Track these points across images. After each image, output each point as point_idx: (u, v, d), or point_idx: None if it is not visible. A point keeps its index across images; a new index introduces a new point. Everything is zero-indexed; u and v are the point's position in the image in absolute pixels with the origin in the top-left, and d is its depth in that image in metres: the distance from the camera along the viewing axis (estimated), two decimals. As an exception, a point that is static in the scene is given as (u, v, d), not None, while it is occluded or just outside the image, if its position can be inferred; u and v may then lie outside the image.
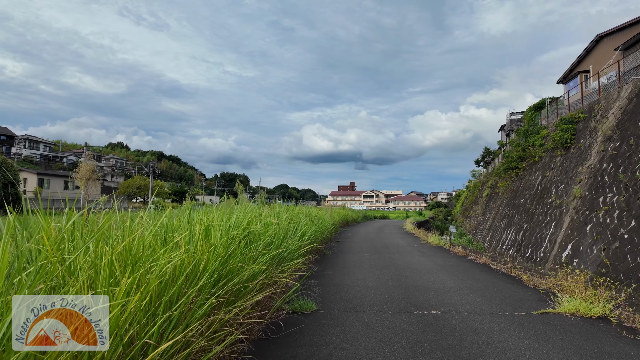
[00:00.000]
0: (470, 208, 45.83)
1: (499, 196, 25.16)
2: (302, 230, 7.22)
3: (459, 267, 8.53)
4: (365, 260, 9.55)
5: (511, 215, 19.77)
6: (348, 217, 27.92)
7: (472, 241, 24.41)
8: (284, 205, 9.25)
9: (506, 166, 23.08)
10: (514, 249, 17.48)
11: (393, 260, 9.64)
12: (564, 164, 16.22)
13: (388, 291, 6.05)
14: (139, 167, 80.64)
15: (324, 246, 12.15)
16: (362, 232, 21.52)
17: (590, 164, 13.99)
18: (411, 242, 15.29)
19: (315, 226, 9.64)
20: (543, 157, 18.91)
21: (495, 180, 29.97)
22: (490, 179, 35.96)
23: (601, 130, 14.14)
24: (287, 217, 7.55)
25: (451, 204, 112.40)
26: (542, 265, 14.15)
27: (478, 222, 30.71)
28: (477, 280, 7.14)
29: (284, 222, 6.52)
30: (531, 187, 18.75)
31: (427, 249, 12.45)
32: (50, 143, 77.10)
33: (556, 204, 15.21)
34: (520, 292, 6.13)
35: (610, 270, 10.34)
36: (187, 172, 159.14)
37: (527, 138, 21.55)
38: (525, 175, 20.43)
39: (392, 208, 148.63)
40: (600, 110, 14.86)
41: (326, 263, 8.90)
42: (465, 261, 9.75)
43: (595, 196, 12.72)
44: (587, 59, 20.99)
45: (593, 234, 12.00)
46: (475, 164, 57.14)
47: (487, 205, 29.14)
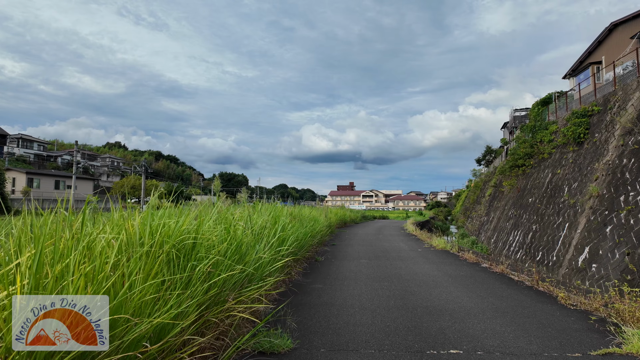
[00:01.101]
0: (472, 208, 44.73)
1: (503, 195, 24.04)
2: (280, 236, 5.79)
3: (474, 279, 7.20)
4: (362, 269, 8.26)
5: (518, 216, 18.65)
6: (346, 218, 26.66)
7: (476, 242, 23.28)
8: (268, 205, 8.03)
9: (512, 164, 21.97)
10: (522, 252, 16.36)
11: (395, 269, 8.33)
12: (577, 160, 15.10)
13: (390, 315, 4.75)
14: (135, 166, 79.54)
15: (317, 251, 10.92)
16: (360, 233, 20.27)
17: (607, 160, 12.86)
18: (414, 245, 14.01)
19: (305, 228, 8.44)
20: (553, 154, 17.79)
21: (499, 179, 28.86)
22: (493, 177, 34.86)
23: (619, 123, 13.02)
24: (268, 219, 6.34)
25: (451, 204, 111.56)
26: (555, 269, 13.03)
27: (481, 222, 29.60)
28: (499, 297, 5.81)
29: (258, 226, 5.37)
30: (540, 185, 17.64)
31: (432, 254, 11.17)
32: (44, 142, 75.92)
33: (569, 203, 14.09)
34: (560, 317, 4.74)
35: (637, 277, 9.22)
36: (185, 172, 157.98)
37: (534, 134, 20.44)
38: (533, 173, 19.31)
39: (391, 208, 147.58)
40: (617, 102, 13.74)
41: (316, 273, 7.60)
42: (478, 270, 8.38)
43: (615, 195, 11.60)
44: (599, 50, 19.86)
45: (614, 236, 10.89)
46: (476, 163, 55.94)
47: (491, 205, 28.02)
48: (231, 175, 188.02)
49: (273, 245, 5.00)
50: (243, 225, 4.59)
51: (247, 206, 7.29)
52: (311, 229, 9.51)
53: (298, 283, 6.62)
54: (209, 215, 4.12)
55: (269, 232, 5.61)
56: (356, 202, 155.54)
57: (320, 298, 5.68)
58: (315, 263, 8.83)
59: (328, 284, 6.67)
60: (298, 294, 5.81)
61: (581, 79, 19.78)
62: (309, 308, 5.11)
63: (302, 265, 8.19)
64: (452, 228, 48.26)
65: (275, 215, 6.95)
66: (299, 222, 8.47)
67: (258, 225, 5.43)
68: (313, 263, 8.79)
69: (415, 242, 15.31)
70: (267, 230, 5.58)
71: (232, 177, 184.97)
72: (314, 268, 8.14)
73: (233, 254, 3.67)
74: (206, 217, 3.99)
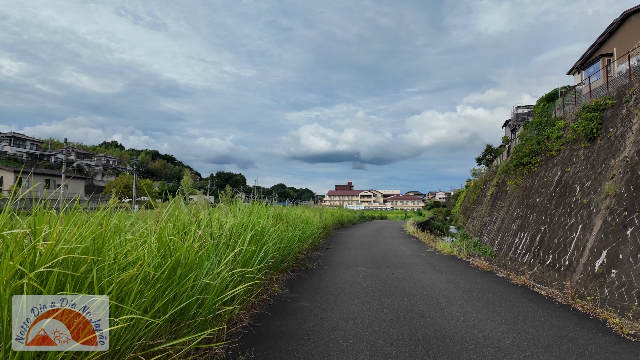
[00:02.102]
0: (473, 208, 43.82)
1: (507, 195, 23.09)
2: (248, 247, 4.42)
3: (493, 294, 6.03)
4: (359, 280, 7.12)
5: (525, 216, 17.68)
6: (343, 218, 25.52)
7: (479, 244, 22.31)
8: (252, 205, 6.93)
9: (516, 162, 21.02)
10: (530, 255, 15.38)
11: (397, 280, 7.17)
12: (590, 157, 14.14)
13: (396, 352, 3.59)
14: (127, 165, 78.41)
15: (308, 256, 9.84)
16: (358, 235, 19.17)
17: (625, 156, 11.91)
18: (416, 249, 12.88)
19: (292, 232, 7.36)
20: (562, 151, 16.83)
21: (502, 178, 27.93)
22: (494, 177, 33.94)
23: (637, 116, 12.06)
24: (238, 224, 5.10)
25: (449, 204, 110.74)
26: (568, 275, 12.06)
27: (483, 223, 28.64)
28: (532, 322, 4.57)
29: (226, 232, 4.32)
30: (548, 184, 16.67)
31: (438, 259, 10.04)
32: (37, 141, 74.62)
33: (582, 203, 13.13)
34: (624, 355, 3.57)
35: (668, 286, 8.26)
36: (182, 172, 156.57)
37: (539, 131, 19.49)
38: (539, 171, 18.35)
39: (389, 208, 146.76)
40: (634, 94, 12.78)
41: (304, 285, 6.48)
42: (495, 281, 7.17)
43: (635, 194, 10.64)
44: (610, 41, 18.89)
45: (636, 239, 9.92)
46: (476, 162, 55.13)
47: (494, 205, 27.07)
48: (229, 175, 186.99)
49: (241, 259, 3.91)
50: (200, 233, 3.51)
51: (220, 207, 6.19)
52: (300, 233, 8.37)
53: (280, 300, 5.48)
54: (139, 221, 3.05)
55: (242, 239, 4.45)
56: (354, 202, 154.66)
57: (306, 323, 4.51)
58: (305, 272, 7.68)
59: (317, 301, 5.50)
60: (277, 316, 4.69)
61: (590, 72, 18.83)
62: (288, 340, 3.92)
63: (288, 275, 7.08)
64: (451, 228, 47.32)
65: (252, 218, 5.67)
66: (286, 225, 7.36)
67: (226, 231, 4.36)
68: (303, 272, 7.65)
69: (418, 245, 14.23)
70: (241, 238, 4.43)
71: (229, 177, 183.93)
72: (303, 278, 7.03)
73: (162, 279, 2.57)
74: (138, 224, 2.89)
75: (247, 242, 4.43)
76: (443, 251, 11.46)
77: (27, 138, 71.57)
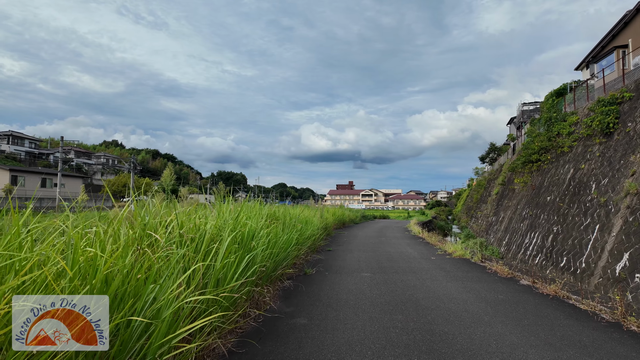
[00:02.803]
0: (476, 207, 43.02)
1: (515, 194, 22.29)
2: (227, 259, 3.59)
3: (524, 307, 5.06)
4: (364, 289, 6.31)
5: (535, 216, 16.89)
6: (344, 218, 24.73)
7: (485, 245, 21.52)
8: (242, 204, 6.11)
9: (525, 159, 20.22)
10: (541, 256, 14.60)
11: (408, 289, 6.31)
12: (606, 153, 13.35)
13: None
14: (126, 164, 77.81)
15: (307, 260, 9.06)
16: (360, 236, 18.39)
17: (647, 152, 11.12)
18: (424, 251, 12.02)
19: (289, 234, 6.51)
20: (574, 147, 16.04)
21: (508, 176, 27.13)
22: (500, 175, 33.14)
23: (660, 109, 11.27)
24: (216, 226, 4.28)
25: (451, 203, 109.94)
26: (585, 278, 11.29)
27: (489, 222, 27.85)
28: (584, 349, 3.72)
29: (197, 240, 3.44)
30: (560, 182, 15.89)
31: (450, 264, 9.13)
32: (35, 139, 73.99)
33: (599, 202, 12.35)
34: None
35: None
36: (182, 171, 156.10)
37: (549, 127, 18.68)
38: (550, 168, 17.56)
39: (391, 207, 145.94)
40: (655, 85, 11.98)
41: (301, 295, 5.59)
42: (521, 290, 6.25)
43: (661, 192, 9.86)
44: (625, 32, 18.07)
45: (663, 241, 9.15)
46: (479, 161, 54.32)
47: (500, 204, 26.27)
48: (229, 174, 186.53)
49: (215, 274, 3.11)
50: (159, 242, 2.74)
51: (204, 205, 5.41)
52: (298, 234, 7.57)
53: (272, 316, 4.61)
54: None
55: (215, 248, 3.56)
56: (355, 202, 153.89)
57: (301, 349, 3.65)
58: (303, 279, 6.87)
59: (316, 317, 4.62)
60: (267, 340, 3.80)
61: (604, 65, 18.01)
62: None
63: (282, 284, 6.27)
64: (454, 228, 46.54)
65: (240, 218, 4.81)
66: (282, 226, 6.56)
67: (203, 234, 3.55)
68: (301, 279, 6.85)
69: (425, 247, 13.40)
70: (218, 245, 3.62)
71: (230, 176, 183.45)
72: (300, 287, 6.18)
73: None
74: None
75: (224, 251, 3.56)
76: (454, 254, 10.63)
77: (25, 136, 70.94)
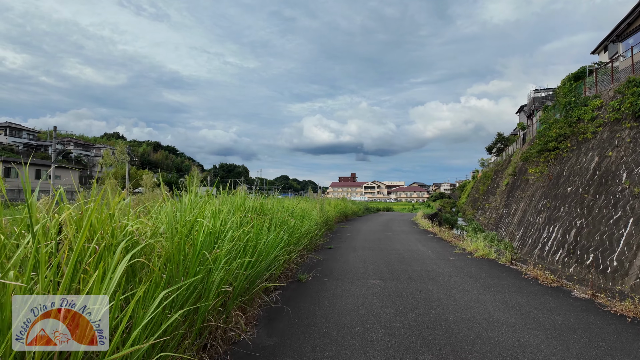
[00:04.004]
0: (483, 199, 41.73)
1: (528, 185, 20.98)
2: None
3: (602, 339, 3.77)
4: (373, 305, 4.88)
5: (553, 208, 15.61)
6: (347, 211, 23.45)
7: (497, 239, 20.30)
8: (223, 197, 4.84)
9: (540, 148, 18.88)
10: (563, 253, 13.36)
11: (431, 306, 4.89)
12: (639, 138, 12.02)
13: None
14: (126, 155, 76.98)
15: (303, 261, 7.72)
16: (364, 230, 17.09)
17: (691, 136, 9.79)
18: (439, 249, 10.46)
19: (278, 234, 5.10)
20: (598, 133, 14.68)
21: (519, 166, 25.79)
22: (509, 166, 31.78)
23: None
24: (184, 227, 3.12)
25: (455, 195, 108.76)
26: (617, 278, 10.07)
27: (499, 215, 26.58)
28: None
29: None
30: (583, 171, 14.57)
31: (474, 266, 7.66)
32: (33, 131, 72.98)
33: (632, 192, 11.06)
34: None
35: None
36: (184, 163, 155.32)
37: (568, 112, 17.29)
38: (570, 157, 16.22)
39: (394, 199, 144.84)
40: (700, 61, 10.59)
41: (290, 319, 4.24)
42: (582, 308, 5.07)
43: None
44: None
45: None
46: (486, 152, 52.85)
47: (511, 196, 24.96)
48: (231, 167, 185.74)
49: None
50: None
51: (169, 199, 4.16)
52: (290, 233, 6.21)
53: (244, 354, 3.18)
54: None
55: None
56: (358, 194, 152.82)
57: None
58: (295, 289, 5.46)
59: (308, 355, 3.21)
60: None
61: (631, 44, 16.56)
62: None
63: (267, 297, 4.82)
64: (459, 220, 45.33)
65: (195, 213, 3.44)
66: (268, 223, 5.21)
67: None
68: (292, 289, 5.44)
69: (439, 244, 12.01)
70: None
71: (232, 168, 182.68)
72: (291, 304, 4.76)
73: None
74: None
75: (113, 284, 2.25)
76: (475, 253, 9.18)
77: (23, 128, 69.95)
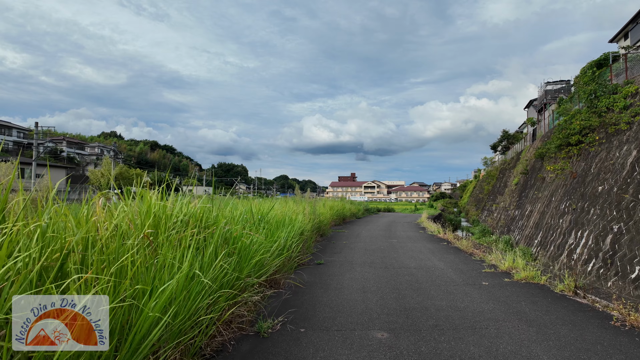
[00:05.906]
0: (489, 199, 39.73)
1: (545, 183, 19.01)
2: None
3: None
4: None
5: (581, 210, 13.65)
6: (345, 212, 21.28)
7: (510, 242, 18.31)
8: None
9: (560, 142, 16.91)
10: (597, 262, 11.39)
11: None
12: (693, 127, 10.06)
13: None
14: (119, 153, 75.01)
15: (278, 292, 5.26)
16: (364, 236, 14.95)
17: None
18: (461, 266, 8.08)
19: (175, 281, 2.69)
20: (634, 123, 12.73)
21: (532, 164, 23.82)
22: (518, 164, 29.80)
23: None
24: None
25: (455, 195, 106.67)
26: (678, 298, 8.09)
27: (510, 216, 24.59)
28: None
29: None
30: (616, 168, 12.62)
31: (524, 300, 5.31)
32: (24, 129, 71.05)
33: (691, 192, 9.10)
34: None
35: None
36: (181, 162, 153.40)
37: (592, 102, 15.33)
38: (599, 151, 14.26)
39: (394, 199, 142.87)
40: None
41: None
42: None
43: None
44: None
45: None
46: (490, 150, 50.90)
47: (524, 196, 22.98)
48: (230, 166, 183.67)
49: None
50: None
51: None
52: (237, 260, 3.86)
53: None
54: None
55: None
56: (357, 194, 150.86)
57: None
58: (245, 355, 3.37)
59: None
60: None
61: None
62: None
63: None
64: (463, 222, 43.32)
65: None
66: (200, 245, 3.22)
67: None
68: (239, 356, 3.35)
69: (458, 257, 9.84)
70: None
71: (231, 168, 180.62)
72: None
73: None
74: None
75: None
76: (516, 275, 6.60)
77: (13, 126, 68.01)
